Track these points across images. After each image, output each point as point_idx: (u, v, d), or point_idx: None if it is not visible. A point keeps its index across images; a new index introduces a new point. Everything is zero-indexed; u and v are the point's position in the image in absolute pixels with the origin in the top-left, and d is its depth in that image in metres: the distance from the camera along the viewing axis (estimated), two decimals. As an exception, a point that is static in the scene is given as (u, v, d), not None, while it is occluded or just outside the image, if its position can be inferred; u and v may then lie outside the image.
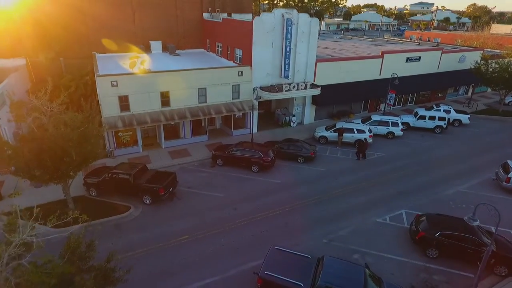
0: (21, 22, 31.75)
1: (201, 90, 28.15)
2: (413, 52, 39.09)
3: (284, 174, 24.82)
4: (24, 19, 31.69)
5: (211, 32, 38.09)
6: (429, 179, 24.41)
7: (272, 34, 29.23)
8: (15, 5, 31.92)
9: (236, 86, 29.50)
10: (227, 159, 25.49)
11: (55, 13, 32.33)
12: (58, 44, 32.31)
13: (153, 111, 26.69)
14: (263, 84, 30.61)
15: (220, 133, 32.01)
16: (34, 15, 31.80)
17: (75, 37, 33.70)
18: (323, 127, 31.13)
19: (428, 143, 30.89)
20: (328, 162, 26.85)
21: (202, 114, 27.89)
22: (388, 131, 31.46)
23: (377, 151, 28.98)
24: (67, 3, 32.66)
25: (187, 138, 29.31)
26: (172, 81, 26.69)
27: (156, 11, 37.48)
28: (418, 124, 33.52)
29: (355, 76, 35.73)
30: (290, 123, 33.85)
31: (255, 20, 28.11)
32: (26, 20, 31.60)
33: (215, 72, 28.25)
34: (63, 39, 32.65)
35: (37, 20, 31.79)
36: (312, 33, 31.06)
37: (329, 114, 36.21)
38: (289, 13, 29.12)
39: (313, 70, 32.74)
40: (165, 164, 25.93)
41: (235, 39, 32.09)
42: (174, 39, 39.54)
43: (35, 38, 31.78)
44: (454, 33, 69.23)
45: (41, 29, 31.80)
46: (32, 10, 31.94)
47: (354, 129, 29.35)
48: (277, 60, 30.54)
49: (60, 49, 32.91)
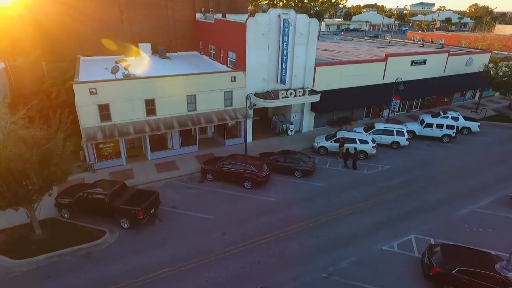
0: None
1: (190, 98, 25.91)
2: (418, 55, 36.85)
3: (279, 190, 22.59)
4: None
5: (204, 33, 35.90)
6: (439, 196, 22.17)
7: (267, 36, 27.01)
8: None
9: (228, 92, 27.26)
10: (217, 173, 23.26)
11: (35, 13, 30.16)
12: (38, 46, 30.07)
13: (137, 120, 24.45)
14: (258, 90, 28.38)
15: (212, 142, 29.77)
16: (11, 15, 29.60)
17: (58, 39, 31.52)
18: (323, 137, 28.89)
19: (436, 154, 28.64)
20: (328, 176, 24.60)
21: (191, 124, 25.65)
22: (393, 141, 29.20)
23: (381, 163, 26.73)
24: (48, 3, 30.49)
25: (176, 149, 27.06)
26: (158, 88, 24.46)
27: (145, 12, 35.27)
28: (425, 132, 31.27)
29: (357, 81, 33.51)
30: (287, 132, 31.61)
31: (249, 21, 25.88)
32: (2, 20, 29.37)
33: (206, 78, 26.02)
34: (44, 42, 30.46)
35: (14, 20, 29.59)
36: (311, 35, 28.83)
37: (330, 121, 33.98)
38: (286, 14, 26.90)
39: (312, 74, 30.52)
40: (150, 178, 23.69)
41: (228, 41, 29.88)
42: (166, 41, 37.34)
43: (12, 40, 29.56)
44: (458, 34, 67.00)
45: (19, 30, 29.60)
46: (9, 9, 29.75)
47: (356, 139, 27.08)
48: (273, 64, 28.31)
49: (41, 52, 30.67)
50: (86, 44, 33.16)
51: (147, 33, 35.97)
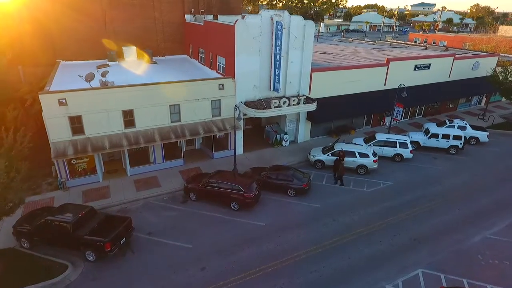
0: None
1: (174, 107, 23.62)
2: (422, 59, 34.54)
3: (270, 212, 20.27)
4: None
5: (193, 36, 33.61)
6: (449, 220, 19.86)
7: (259, 40, 24.71)
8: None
9: (216, 101, 24.96)
10: (201, 193, 20.96)
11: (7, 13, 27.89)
12: (9, 49, 27.78)
13: (113, 133, 22.15)
14: (249, 99, 26.08)
15: (199, 155, 27.44)
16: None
17: (36, 42, 29.25)
18: (320, 149, 26.58)
19: (443, 168, 26.32)
20: (325, 195, 22.29)
21: (175, 136, 23.35)
22: (396, 153, 26.88)
23: (383, 178, 24.41)
24: (23, 2, 28.21)
25: (158, 163, 24.76)
26: (137, 97, 22.16)
27: (130, 13, 32.96)
28: (430, 143, 28.94)
29: (357, 87, 31.20)
30: (281, 142, 29.29)
31: (238, 23, 23.59)
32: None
33: (190, 86, 23.71)
34: (16, 44, 28.16)
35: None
36: (306, 38, 26.53)
37: (327, 130, 31.66)
38: (279, 15, 24.60)
39: (308, 81, 28.22)
40: (127, 198, 21.39)
41: (216, 45, 27.58)
42: (153, 44, 35.02)
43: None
44: (462, 36, 64.68)
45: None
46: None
47: (356, 152, 24.77)
48: (265, 70, 26.01)
49: (14, 56, 28.38)
50: (67, 48, 30.90)
51: (133, 36, 33.62)
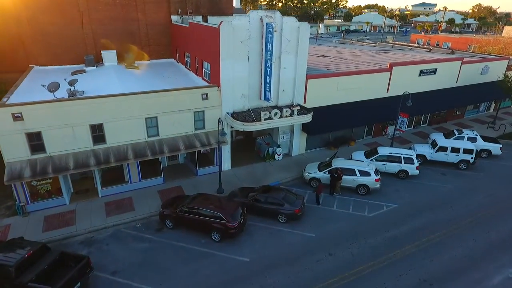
0: None
1: (151, 120, 20.96)
2: (427, 64, 31.84)
3: (256, 244, 17.58)
4: None
5: (179, 39, 30.97)
6: (463, 253, 17.18)
7: (247, 44, 22.05)
8: None
9: (199, 113, 22.29)
10: (178, 220, 18.30)
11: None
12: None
13: (80, 150, 19.49)
14: (237, 109, 23.44)
15: (182, 171, 24.74)
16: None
17: (5, 45, 26.69)
18: (316, 165, 23.90)
19: (453, 186, 23.62)
20: (321, 220, 19.62)
21: (151, 153, 20.67)
22: (400, 170, 24.19)
23: (386, 200, 21.74)
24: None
25: (134, 182, 22.10)
26: (107, 109, 19.51)
27: (110, 13, 30.28)
28: (438, 157, 26.25)
29: (357, 95, 28.50)
30: (274, 156, 26.61)
31: (223, 26, 20.92)
32: None
33: (169, 96, 21.02)
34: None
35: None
36: (301, 41, 23.85)
37: (325, 141, 28.98)
38: (270, 17, 21.93)
39: (303, 88, 25.54)
40: (94, 225, 18.72)
41: (201, 49, 24.93)
42: (137, 47, 32.37)
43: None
44: (467, 37, 61.97)
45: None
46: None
47: (356, 170, 22.09)
48: (255, 77, 23.36)
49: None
50: (41, 52, 28.32)
51: (113, 39, 30.96)
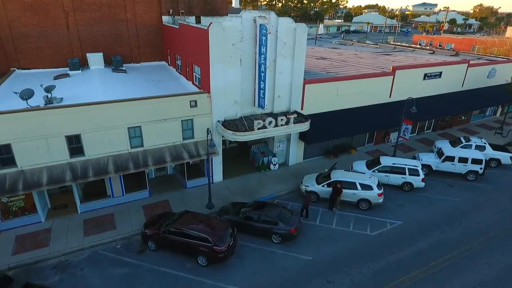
0: None
1: (134, 130, 19.28)
2: (432, 67, 30.16)
3: (247, 269, 15.90)
4: None
5: (170, 41, 29.31)
6: (477, 280, 15.49)
7: (239, 47, 20.39)
8: None
9: (188, 121, 20.62)
10: (162, 242, 16.63)
11: None
12: None
13: (56, 164, 17.82)
14: (229, 117, 21.77)
15: (170, 183, 23.04)
16: None
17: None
18: (314, 177, 22.21)
19: (461, 200, 21.94)
20: (319, 241, 17.93)
21: (134, 166, 18.98)
22: (404, 182, 22.51)
23: (390, 216, 20.05)
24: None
25: (117, 196, 20.42)
26: (86, 119, 17.83)
27: (97, 14, 28.63)
28: (444, 167, 24.56)
29: (358, 101, 26.81)
30: (269, 166, 24.92)
31: (212, 27, 19.24)
32: None
33: (154, 104, 19.32)
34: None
35: None
36: (298, 44, 22.17)
37: (324, 150, 27.30)
38: (264, 17, 20.25)
39: (301, 94, 23.86)
40: (70, 246, 17.02)
41: (191, 52, 23.28)
42: (126, 49, 30.72)
43: None
44: (471, 38, 60.28)
45: None
46: None
47: (357, 183, 20.41)
48: (248, 83, 21.70)
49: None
50: (23, 55, 26.76)
51: (101, 41, 29.37)
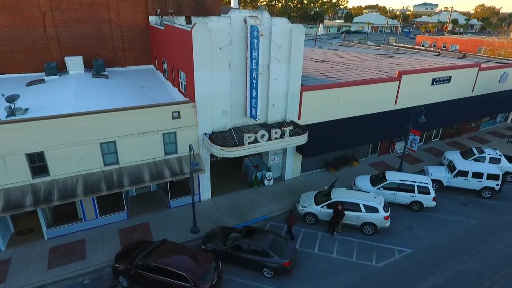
0: None
1: (107, 146, 16.98)
2: (441, 71, 27.83)
3: (234, 311, 13.63)
4: None
5: (157, 43, 27.04)
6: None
7: (228, 51, 18.09)
8: None
9: (170, 135, 18.31)
10: (134, 278, 14.32)
11: None
12: None
13: (15, 186, 15.53)
14: (218, 129, 19.47)
15: (153, 202, 20.69)
16: None
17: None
18: (312, 195, 19.87)
19: (477, 222, 19.61)
20: (317, 274, 15.62)
21: (107, 187, 16.66)
22: (413, 201, 20.19)
23: (398, 242, 17.72)
24: None
25: (90, 219, 18.09)
26: (49, 134, 15.54)
27: (78, 14, 26.35)
28: (456, 183, 22.23)
29: (361, 108, 24.48)
30: (263, 181, 22.61)
31: (197, 29, 16.92)
32: None
33: (132, 116, 17.01)
34: None
35: None
36: (294, 47, 19.85)
37: (323, 162, 24.97)
38: (255, 17, 17.93)
39: (298, 102, 21.55)
40: (29, 282, 14.70)
41: (177, 56, 21.00)
42: (109, 52, 28.45)
43: None
44: (476, 38, 57.97)
45: None
46: None
47: (361, 205, 18.09)
48: (238, 91, 19.40)
49: None
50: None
51: (82, 43, 27.10)
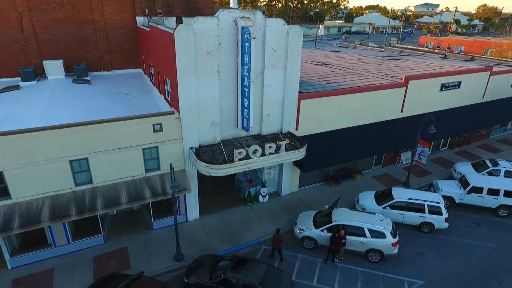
0: None
1: (79, 163, 14.98)
2: (450, 76, 25.81)
3: None
4: None
5: (144, 45, 25.08)
6: None
7: (217, 55, 16.09)
8: None
9: (151, 150, 16.32)
10: (104, 321, 12.35)
11: None
12: None
13: (-30, 211, 13.58)
14: (206, 141, 17.47)
15: (134, 222, 18.64)
16: None
17: None
18: (311, 216, 17.84)
19: (495, 246, 17.55)
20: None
21: (77, 212, 14.64)
22: (423, 222, 18.17)
23: (407, 270, 15.70)
24: None
25: (61, 245, 16.06)
26: (10, 151, 13.55)
27: (58, 15, 24.35)
28: (470, 200, 20.21)
29: (364, 117, 22.44)
30: (258, 198, 20.60)
31: (179, 30, 14.91)
32: None
33: (106, 129, 15.01)
34: None
35: None
36: (291, 50, 17.82)
37: (323, 175, 22.96)
38: (247, 18, 15.91)
39: (295, 112, 19.53)
40: (-16, 324, 12.79)
41: (161, 60, 19.03)
42: (94, 55, 26.42)
43: None
44: (482, 40, 55.95)
45: None
46: None
47: (366, 229, 16.07)
48: (229, 99, 17.41)
49: None
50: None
51: (64, 45, 25.08)
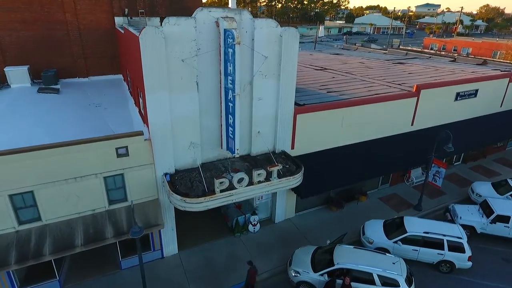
0: None
1: (22, 198, 12.15)
2: (466, 84, 22.99)
3: None
4: None
5: (121, 49, 22.33)
6: None
7: (195, 63, 13.26)
8: None
9: (115, 178, 13.48)
10: None
11: None
12: None
13: None
14: (184, 165, 14.65)
15: (100, 260, 15.73)
16: None
17: None
18: (309, 253, 15.00)
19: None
20: None
21: (18, 259, 11.78)
22: (442, 260, 15.34)
23: (426, 328, 12.91)
24: None
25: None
26: None
27: (26, 15, 21.55)
28: (494, 230, 17.36)
29: (370, 132, 19.61)
30: (247, 227, 17.75)
31: (145, 33, 12.05)
32: None
33: (58, 155, 12.19)
34: None
35: None
36: (285, 57, 14.94)
37: (324, 198, 20.13)
38: (231, 19, 13.06)
39: (290, 128, 16.69)
40: None
41: (133, 68, 16.23)
42: (68, 60, 23.59)
43: None
44: (491, 41, 53.11)
45: None
46: None
47: (375, 275, 13.24)
48: (210, 116, 14.59)
49: None
50: None
51: (32, 49, 22.27)
